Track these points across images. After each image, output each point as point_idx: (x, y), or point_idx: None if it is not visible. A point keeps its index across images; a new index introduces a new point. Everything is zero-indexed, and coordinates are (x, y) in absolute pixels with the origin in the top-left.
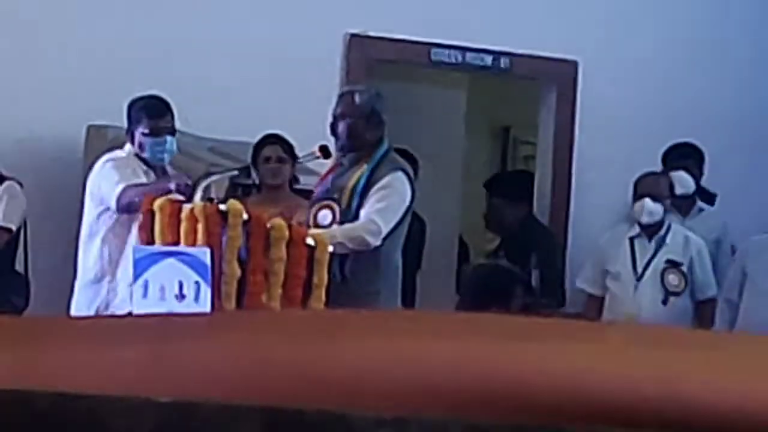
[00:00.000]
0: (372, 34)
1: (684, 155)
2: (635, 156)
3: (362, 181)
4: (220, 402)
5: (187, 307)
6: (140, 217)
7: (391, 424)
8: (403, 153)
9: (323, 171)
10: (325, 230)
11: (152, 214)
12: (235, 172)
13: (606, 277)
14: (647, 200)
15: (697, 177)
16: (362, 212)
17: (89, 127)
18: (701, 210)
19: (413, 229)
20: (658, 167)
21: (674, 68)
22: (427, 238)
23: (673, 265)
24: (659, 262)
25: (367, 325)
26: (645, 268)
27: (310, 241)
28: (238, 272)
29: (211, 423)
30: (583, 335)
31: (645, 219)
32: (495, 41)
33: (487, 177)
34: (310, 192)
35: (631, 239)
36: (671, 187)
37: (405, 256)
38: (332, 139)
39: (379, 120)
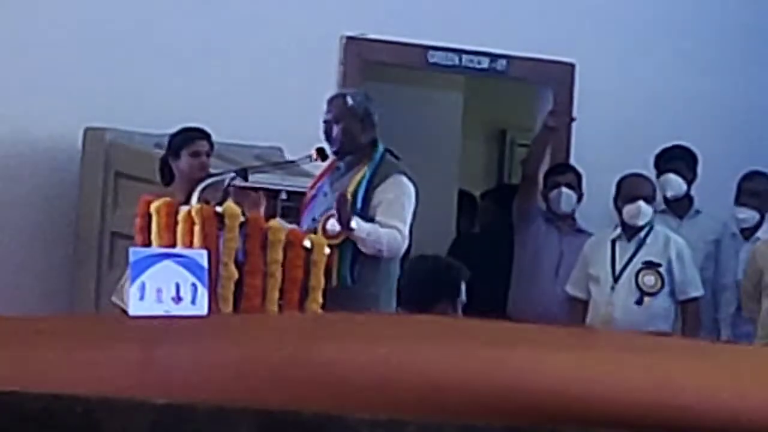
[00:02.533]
0: (368, 36)
1: (675, 157)
2: (632, 158)
3: (364, 185)
4: (216, 404)
5: (184, 309)
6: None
7: (386, 426)
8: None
9: (317, 173)
10: (372, 226)
11: (149, 216)
12: (233, 175)
13: (589, 281)
14: (642, 203)
15: (689, 179)
16: (383, 220)
17: (87, 129)
18: (698, 212)
19: None
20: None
21: (671, 70)
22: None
23: (650, 265)
24: (637, 263)
25: (364, 329)
26: (623, 270)
27: (306, 243)
28: (235, 274)
29: (207, 424)
30: (575, 341)
31: (640, 222)
32: (492, 43)
33: (484, 179)
34: (302, 194)
35: (613, 241)
36: (655, 189)
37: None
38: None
39: (371, 122)
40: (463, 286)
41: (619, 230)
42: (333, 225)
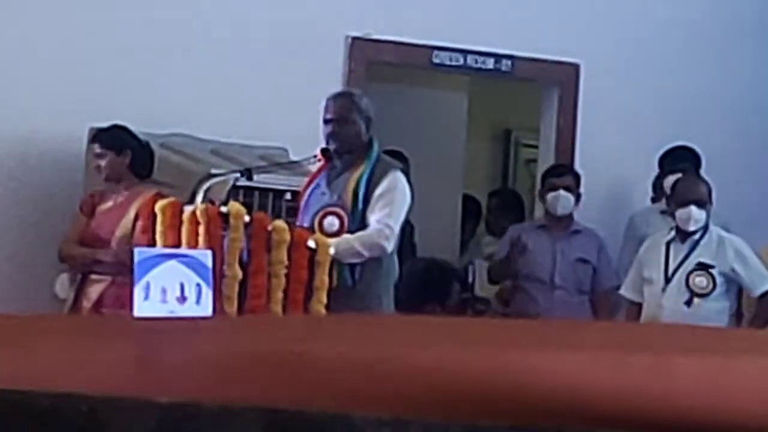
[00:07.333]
0: (373, 36)
1: (680, 158)
2: (637, 159)
3: (363, 183)
4: (221, 402)
5: (189, 309)
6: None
7: (392, 425)
8: (395, 153)
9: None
10: (341, 239)
11: (154, 216)
12: (237, 175)
13: (644, 283)
14: (693, 207)
15: None
16: (372, 216)
17: (91, 129)
18: None
19: (404, 232)
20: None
21: (676, 70)
22: (416, 240)
23: (702, 267)
24: (689, 264)
25: (371, 329)
26: (675, 272)
27: (311, 243)
28: (240, 275)
29: (212, 423)
30: (580, 339)
31: (692, 227)
32: (497, 44)
33: (489, 180)
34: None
35: (668, 244)
36: (710, 190)
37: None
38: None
39: (372, 122)
40: (455, 286)
41: (673, 233)
42: (331, 223)
